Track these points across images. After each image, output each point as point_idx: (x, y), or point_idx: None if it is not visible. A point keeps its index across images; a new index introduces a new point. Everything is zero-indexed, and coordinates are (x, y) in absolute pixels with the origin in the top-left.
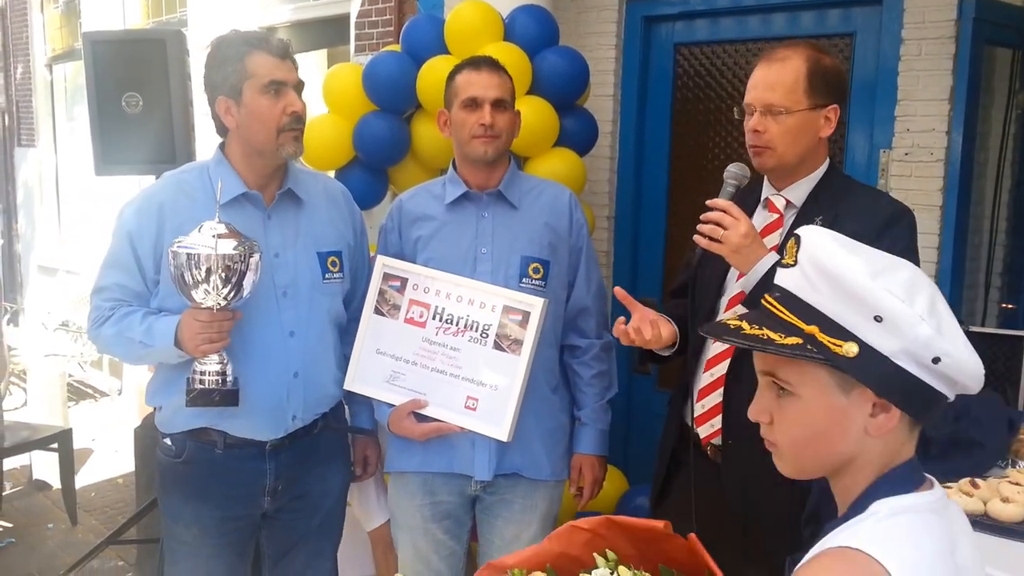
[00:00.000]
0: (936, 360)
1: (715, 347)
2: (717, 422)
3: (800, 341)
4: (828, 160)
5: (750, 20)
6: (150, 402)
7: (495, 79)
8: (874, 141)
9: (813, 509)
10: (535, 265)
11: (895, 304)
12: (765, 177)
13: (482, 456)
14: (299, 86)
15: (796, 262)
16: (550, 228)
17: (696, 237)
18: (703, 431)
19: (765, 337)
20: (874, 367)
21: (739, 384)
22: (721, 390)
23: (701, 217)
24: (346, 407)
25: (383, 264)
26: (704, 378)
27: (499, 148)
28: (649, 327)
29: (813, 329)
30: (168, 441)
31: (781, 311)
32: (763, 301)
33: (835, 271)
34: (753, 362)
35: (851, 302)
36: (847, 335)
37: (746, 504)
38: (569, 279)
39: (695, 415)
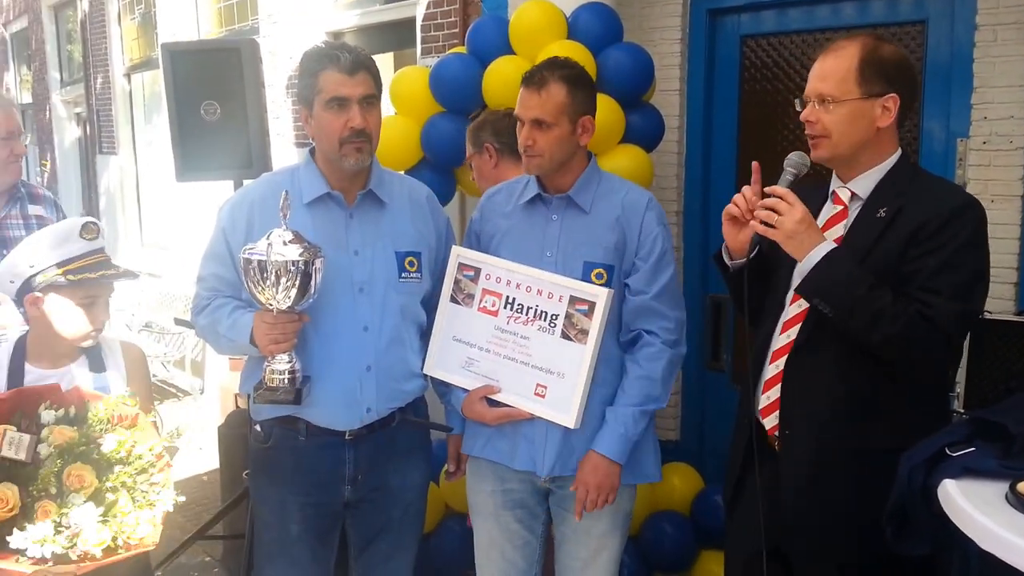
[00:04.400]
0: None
1: (782, 338)
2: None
3: None
4: (899, 151)
5: (818, 10)
6: (241, 390)
7: (533, 99)
8: (950, 130)
9: (897, 507)
10: (598, 271)
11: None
12: (833, 170)
13: (542, 453)
14: (366, 99)
15: None
16: (618, 232)
17: (752, 223)
18: (768, 422)
19: None
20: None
21: (797, 375)
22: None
23: (759, 203)
24: (442, 406)
25: (458, 254)
26: (770, 370)
27: (542, 165)
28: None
29: None
30: (257, 427)
31: None
32: None
33: None
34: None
35: None
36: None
37: (801, 493)
38: (631, 282)
39: (760, 407)
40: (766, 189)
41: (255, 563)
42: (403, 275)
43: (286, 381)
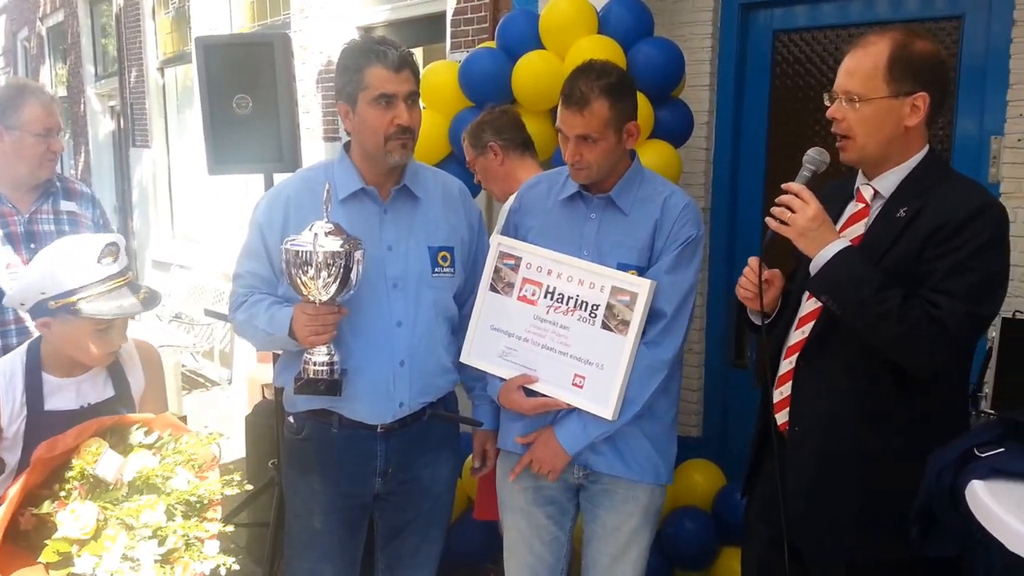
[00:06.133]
0: None
1: (796, 334)
2: None
3: None
4: (927, 148)
5: (853, 4)
6: (276, 382)
7: (577, 119)
8: (984, 127)
9: (924, 507)
10: (631, 272)
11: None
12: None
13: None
14: (411, 96)
15: None
16: (653, 233)
17: (767, 219)
18: (780, 418)
19: None
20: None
21: (808, 372)
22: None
23: (775, 200)
24: (471, 402)
25: (499, 243)
26: (784, 365)
27: (590, 176)
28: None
29: None
30: (291, 419)
31: None
32: None
33: None
34: (825, 352)
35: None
36: None
37: (806, 492)
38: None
39: (774, 402)
40: (783, 186)
41: (285, 552)
42: (436, 270)
43: (326, 373)
